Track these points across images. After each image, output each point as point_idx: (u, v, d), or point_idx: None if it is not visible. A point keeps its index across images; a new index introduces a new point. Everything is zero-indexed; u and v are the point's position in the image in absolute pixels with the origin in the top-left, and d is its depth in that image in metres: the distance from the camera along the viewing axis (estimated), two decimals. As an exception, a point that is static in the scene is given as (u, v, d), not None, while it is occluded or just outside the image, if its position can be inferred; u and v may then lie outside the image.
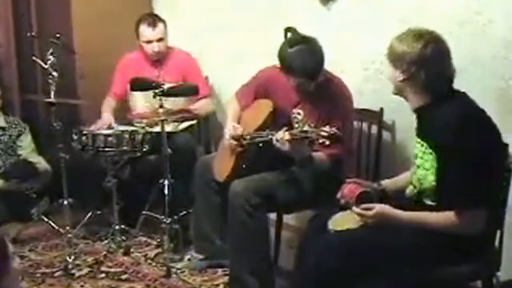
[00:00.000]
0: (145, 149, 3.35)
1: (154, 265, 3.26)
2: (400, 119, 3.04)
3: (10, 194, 3.81)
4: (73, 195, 3.29)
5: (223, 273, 3.07)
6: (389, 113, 3.03)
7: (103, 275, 3.14)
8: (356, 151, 3.10)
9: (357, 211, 2.18)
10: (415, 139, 2.23)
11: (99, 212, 3.56)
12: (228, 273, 2.97)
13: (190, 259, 3.24)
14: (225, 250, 2.95)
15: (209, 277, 3.10)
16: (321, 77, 2.74)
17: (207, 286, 3.02)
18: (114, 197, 3.38)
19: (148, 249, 3.47)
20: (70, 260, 3.18)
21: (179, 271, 3.14)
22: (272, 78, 2.95)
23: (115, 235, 3.43)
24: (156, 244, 3.49)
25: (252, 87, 3.08)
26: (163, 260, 3.23)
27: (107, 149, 3.26)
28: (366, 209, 2.16)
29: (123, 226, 3.46)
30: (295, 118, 2.86)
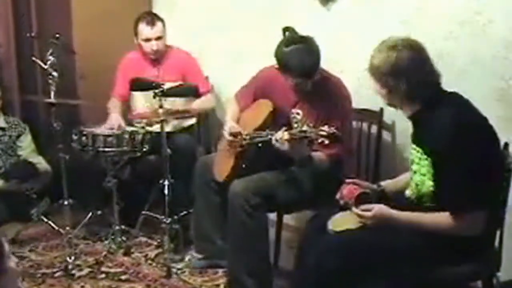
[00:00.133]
0: (145, 149, 3.35)
1: (154, 266, 3.26)
2: (400, 119, 3.03)
3: (10, 194, 3.80)
4: (73, 196, 3.29)
5: (224, 274, 3.07)
6: (389, 113, 3.03)
7: (103, 276, 3.14)
8: (356, 151, 3.10)
9: (356, 212, 2.19)
10: (411, 145, 2.23)
11: (99, 212, 3.56)
12: (227, 273, 2.97)
13: (190, 259, 3.24)
14: (226, 250, 2.95)
15: (210, 277, 3.10)
16: (317, 76, 2.74)
17: (207, 286, 3.02)
18: (114, 198, 3.37)
19: (148, 250, 3.46)
20: (70, 260, 3.18)
21: (179, 272, 3.14)
22: (271, 78, 2.94)
23: (115, 236, 3.43)
24: (156, 244, 3.49)
25: (251, 88, 3.09)
26: (163, 260, 3.23)
27: (107, 149, 3.26)
28: (365, 210, 2.17)
29: (123, 226, 3.46)
30: (294, 118, 2.86)
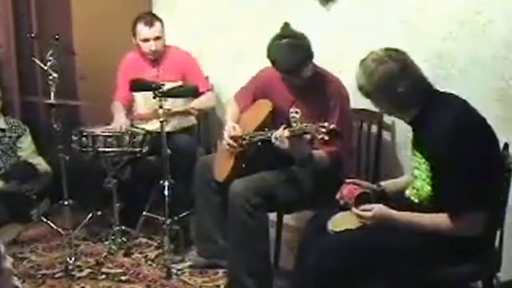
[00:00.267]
0: (145, 150, 3.34)
1: (154, 266, 3.25)
2: (399, 120, 3.02)
3: (10, 195, 3.80)
4: (74, 196, 3.29)
5: (224, 274, 3.07)
6: (389, 113, 3.03)
7: (103, 276, 3.14)
8: (356, 151, 3.10)
9: (356, 212, 2.18)
10: (412, 150, 2.23)
11: (100, 213, 3.55)
12: (227, 274, 2.97)
13: (191, 259, 3.24)
14: (227, 250, 2.94)
15: (210, 278, 3.10)
16: (306, 74, 2.74)
17: (207, 287, 3.02)
18: (114, 198, 3.37)
19: (148, 250, 3.46)
20: (70, 261, 3.18)
21: (179, 272, 3.14)
22: (270, 78, 2.95)
23: (116, 236, 3.43)
24: (156, 245, 3.49)
25: (250, 89, 3.09)
26: (163, 261, 3.23)
27: (107, 150, 3.26)
28: (365, 210, 2.16)
29: (123, 227, 3.46)
30: (293, 117, 2.86)
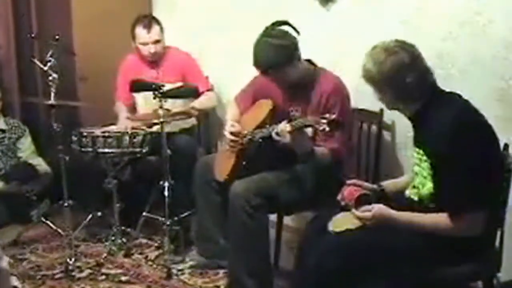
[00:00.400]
0: (145, 150, 3.34)
1: (154, 267, 3.25)
2: (399, 120, 3.03)
3: (10, 196, 3.80)
4: (74, 197, 3.29)
5: (224, 275, 3.07)
6: (389, 113, 3.02)
7: (103, 277, 3.14)
8: (356, 150, 3.10)
9: (356, 213, 2.18)
10: (413, 148, 2.23)
11: (100, 213, 3.55)
12: (227, 274, 2.96)
13: (191, 260, 3.24)
14: (228, 249, 2.93)
15: (210, 278, 3.10)
16: (292, 74, 2.76)
17: (208, 287, 3.02)
18: (114, 199, 3.37)
19: (148, 251, 3.46)
20: (70, 262, 3.18)
21: (179, 273, 3.14)
22: (269, 79, 2.94)
23: (116, 237, 3.43)
24: (156, 245, 3.49)
25: (250, 91, 3.10)
26: (163, 261, 3.23)
27: (107, 150, 3.25)
28: (365, 211, 2.16)
29: (123, 227, 3.46)
30: (293, 115, 2.85)
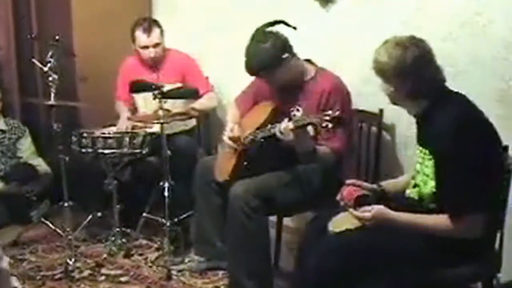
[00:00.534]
0: (145, 151, 3.34)
1: (154, 268, 3.25)
2: (399, 121, 3.03)
3: (10, 196, 3.80)
4: (74, 198, 3.28)
5: (224, 276, 3.07)
6: (389, 114, 3.02)
7: (103, 278, 3.14)
8: (356, 151, 3.10)
9: (355, 213, 2.18)
10: (416, 146, 2.23)
11: (100, 214, 3.55)
12: (227, 275, 2.96)
13: (190, 261, 3.23)
14: (226, 252, 2.94)
15: (210, 279, 3.10)
16: (279, 76, 2.77)
17: (207, 288, 3.03)
18: (114, 199, 3.37)
19: (148, 252, 3.45)
20: (70, 262, 3.17)
21: (179, 274, 3.14)
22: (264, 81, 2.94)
23: (116, 238, 3.43)
24: (156, 246, 3.49)
25: (251, 92, 3.10)
26: (163, 262, 3.23)
27: (107, 151, 3.25)
28: (364, 212, 2.16)
29: (123, 228, 3.45)
30: (295, 115, 2.85)
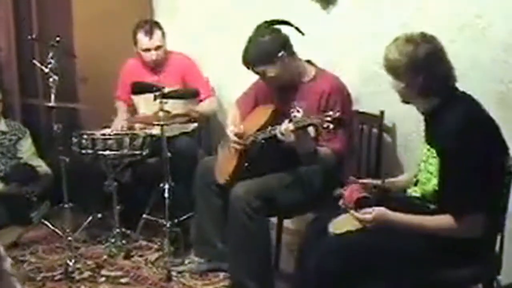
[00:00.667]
0: (145, 152, 3.35)
1: (154, 269, 3.25)
2: (400, 122, 3.04)
3: (10, 197, 3.80)
4: (74, 199, 3.28)
5: (224, 277, 3.07)
6: (389, 115, 3.03)
7: (103, 279, 3.14)
8: (357, 152, 3.10)
9: (356, 215, 2.18)
10: (423, 144, 2.23)
11: (100, 215, 3.56)
12: (228, 276, 2.96)
13: (190, 263, 3.24)
14: (227, 253, 2.95)
15: (210, 280, 3.10)
16: (269, 73, 2.78)
17: (207, 289, 3.03)
18: (114, 201, 3.37)
19: (148, 253, 3.46)
20: (70, 263, 3.17)
21: (179, 275, 3.14)
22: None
23: (116, 239, 3.43)
24: (156, 247, 3.49)
25: (252, 94, 3.11)
26: (163, 264, 3.23)
27: (107, 152, 3.25)
28: (365, 213, 2.16)
29: (123, 229, 3.46)
30: (295, 117, 2.86)
